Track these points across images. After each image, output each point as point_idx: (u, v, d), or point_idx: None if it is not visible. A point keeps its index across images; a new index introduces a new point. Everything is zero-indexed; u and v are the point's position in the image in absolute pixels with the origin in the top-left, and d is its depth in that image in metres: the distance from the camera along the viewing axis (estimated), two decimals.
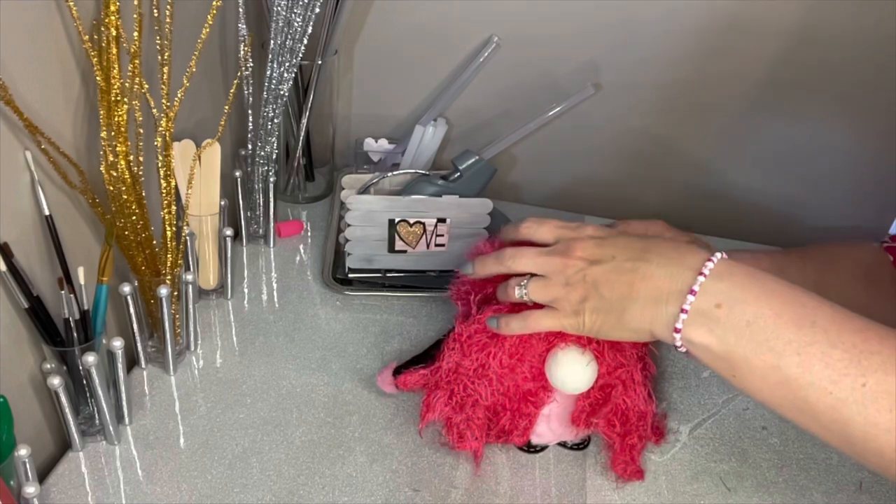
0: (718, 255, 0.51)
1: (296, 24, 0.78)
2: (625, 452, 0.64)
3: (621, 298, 0.53)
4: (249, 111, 0.85)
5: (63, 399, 0.60)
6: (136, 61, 0.61)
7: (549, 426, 0.65)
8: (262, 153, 0.86)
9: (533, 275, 0.59)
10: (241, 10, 0.78)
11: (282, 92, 0.83)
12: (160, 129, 0.66)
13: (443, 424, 0.65)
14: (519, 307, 0.60)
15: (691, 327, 0.50)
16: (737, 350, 0.49)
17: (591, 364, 0.59)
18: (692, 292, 0.50)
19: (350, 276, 0.85)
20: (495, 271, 0.61)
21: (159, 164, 0.67)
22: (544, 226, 0.60)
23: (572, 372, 0.60)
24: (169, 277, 0.69)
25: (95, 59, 0.59)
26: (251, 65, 0.82)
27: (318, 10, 0.78)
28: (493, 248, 0.64)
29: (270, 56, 0.80)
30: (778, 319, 0.47)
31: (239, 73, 0.80)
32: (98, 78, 0.59)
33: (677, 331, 0.51)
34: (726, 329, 0.49)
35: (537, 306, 0.59)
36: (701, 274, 0.50)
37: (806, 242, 0.98)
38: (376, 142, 0.99)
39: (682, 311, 0.50)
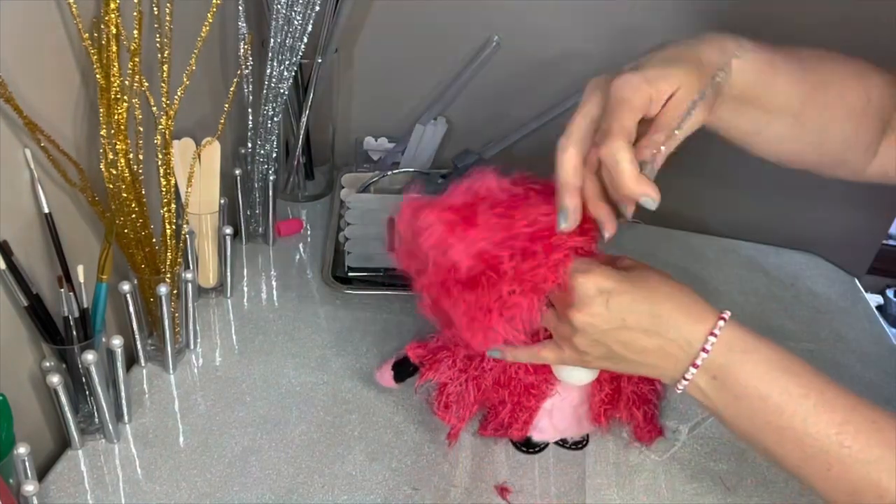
0: (721, 323, 0.53)
1: (296, 22, 0.78)
2: (648, 422, 0.67)
3: (632, 359, 0.56)
4: (249, 109, 0.85)
5: (62, 397, 0.60)
6: (136, 59, 0.61)
7: (552, 421, 0.65)
8: (262, 152, 0.86)
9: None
10: (240, 8, 0.78)
11: (282, 90, 0.83)
12: (160, 127, 0.66)
13: (436, 388, 0.66)
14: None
15: (693, 390, 0.55)
16: (723, 414, 0.54)
17: None
18: (695, 365, 0.53)
19: (350, 274, 0.85)
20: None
21: (159, 163, 0.67)
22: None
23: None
24: (168, 276, 0.69)
25: (95, 56, 0.59)
26: (251, 63, 0.82)
27: (318, 8, 0.78)
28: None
29: (270, 54, 0.80)
30: (763, 402, 0.52)
31: (239, 72, 0.80)
32: (98, 76, 0.59)
33: (686, 379, 0.55)
34: (718, 397, 0.54)
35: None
36: (704, 350, 0.53)
37: (803, 241, 0.99)
38: (376, 140, 0.99)
39: (684, 378, 0.55)
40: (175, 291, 0.70)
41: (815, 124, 0.68)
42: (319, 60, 0.86)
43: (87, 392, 0.63)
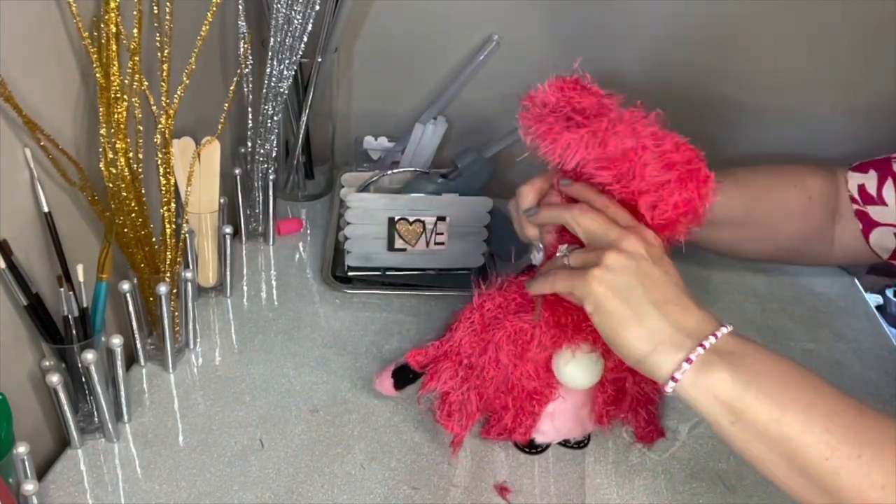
0: (724, 329, 0.52)
1: (296, 21, 0.78)
2: (650, 423, 0.67)
3: (648, 303, 0.52)
4: (249, 109, 0.85)
5: (62, 396, 0.60)
6: (136, 58, 0.61)
7: (554, 424, 0.65)
8: (262, 151, 0.86)
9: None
10: (240, 7, 0.77)
11: (281, 90, 0.83)
12: (160, 126, 0.66)
13: (438, 397, 0.65)
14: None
15: (706, 368, 0.50)
16: (744, 397, 0.49)
17: (598, 360, 0.60)
18: (714, 335, 0.51)
19: (349, 274, 0.85)
20: (557, 221, 0.60)
21: (159, 162, 0.67)
22: (589, 217, 0.56)
23: (580, 367, 0.60)
24: (168, 275, 0.69)
25: (95, 55, 0.59)
26: (251, 62, 0.82)
27: (317, 7, 0.78)
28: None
29: (270, 54, 0.80)
30: (784, 376, 0.49)
31: (239, 71, 0.80)
32: (98, 75, 0.59)
33: (681, 366, 0.50)
34: (738, 374, 0.49)
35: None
36: (723, 325, 0.52)
37: None
38: (376, 140, 0.99)
39: (688, 360, 0.50)
40: (175, 291, 0.70)
41: (764, 226, 0.75)
42: (319, 60, 0.86)
43: (87, 391, 0.63)
